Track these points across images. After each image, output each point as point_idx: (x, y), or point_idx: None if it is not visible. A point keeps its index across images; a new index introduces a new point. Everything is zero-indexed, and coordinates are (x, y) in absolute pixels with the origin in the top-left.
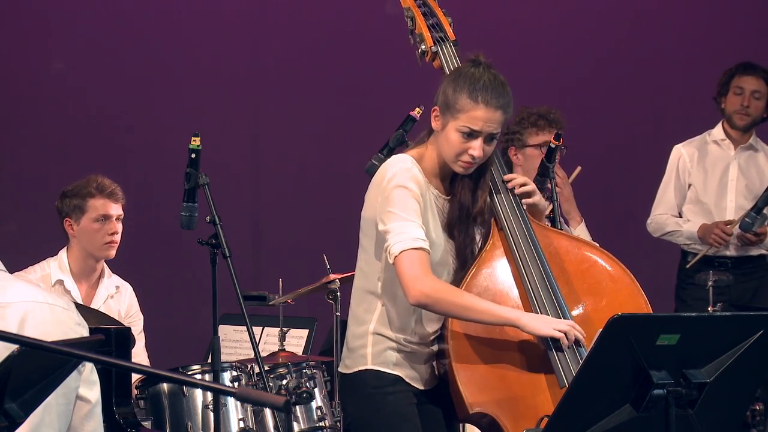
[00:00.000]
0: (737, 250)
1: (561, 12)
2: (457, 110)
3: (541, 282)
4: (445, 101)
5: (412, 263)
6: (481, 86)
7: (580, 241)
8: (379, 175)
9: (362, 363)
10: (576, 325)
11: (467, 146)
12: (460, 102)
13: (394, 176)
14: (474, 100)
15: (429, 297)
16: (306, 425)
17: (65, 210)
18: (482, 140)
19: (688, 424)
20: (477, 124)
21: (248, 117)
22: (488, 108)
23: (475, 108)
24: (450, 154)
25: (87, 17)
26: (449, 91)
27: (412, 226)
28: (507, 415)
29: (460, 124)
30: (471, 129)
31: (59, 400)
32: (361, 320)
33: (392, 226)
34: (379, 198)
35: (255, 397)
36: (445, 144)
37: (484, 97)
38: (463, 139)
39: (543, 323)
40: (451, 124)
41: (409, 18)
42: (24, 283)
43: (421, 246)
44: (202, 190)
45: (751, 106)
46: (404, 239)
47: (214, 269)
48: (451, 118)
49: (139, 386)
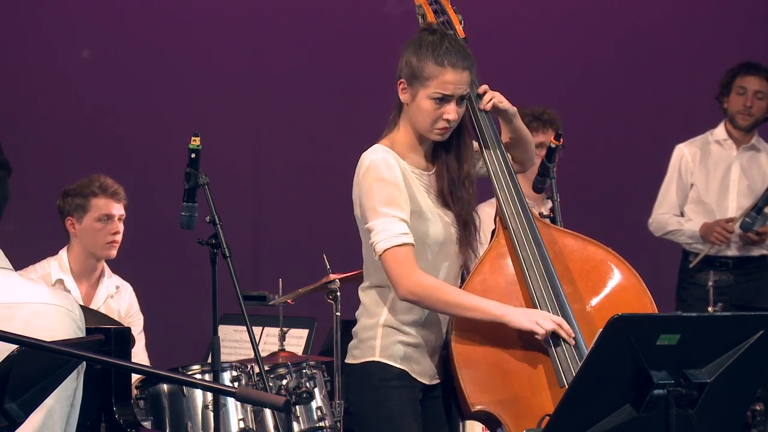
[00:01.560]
0: (739, 250)
1: (562, 11)
2: (425, 78)
3: (543, 281)
4: (410, 72)
5: (398, 260)
6: (444, 50)
7: (586, 240)
8: (357, 172)
9: (370, 354)
10: (564, 324)
11: (441, 111)
12: (427, 69)
13: (368, 169)
14: (440, 64)
15: (416, 293)
16: (306, 425)
17: (67, 209)
18: (455, 103)
19: (688, 424)
20: (448, 88)
21: (248, 117)
22: (456, 70)
23: (443, 72)
24: (425, 123)
25: (87, 18)
26: (413, 60)
27: (393, 222)
28: (509, 414)
29: (431, 91)
30: (443, 94)
31: (62, 403)
32: (372, 313)
33: (374, 223)
34: (358, 193)
35: (255, 398)
36: (417, 114)
37: (450, 60)
38: (436, 105)
39: (527, 317)
40: (421, 93)
41: (420, 15)
42: (32, 283)
43: (404, 242)
44: (202, 190)
45: (753, 106)
46: (387, 236)
47: (214, 269)
48: (420, 87)
49: (138, 386)
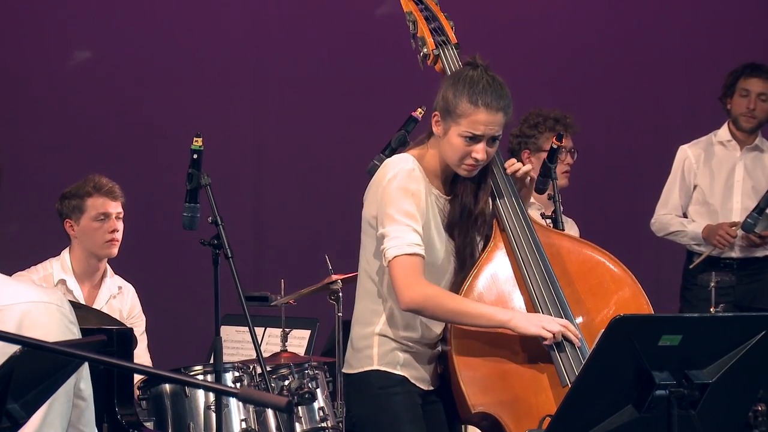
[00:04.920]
0: (742, 251)
1: (564, 14)
2: (459, 115)
3: (543, 283)
4: (445, 106)
5: (405, 269)
6: (480, 89)
7: (582, 242)
8: (379, 174)
9: (368, 363)
10: (570, 325)
11: (470, 150)
12: (461, 107)
13: (395, 177)
14: (474, 104)
15: (419, 304)
16: (308, 426)
17: (65, 211)
18: (485, 143)
19: (690, 424)
20: (479, 129)
21: (250, 117)
22: (489, 111)
23: (476, 112)
24: (453, 159)
25: (88, 18)
26: (449, 95)
27: (408, 231)
28: (509, 415)
29: (463, 130)
30: (473, 134)
31: (60, 399)
32: (367, 321)
33: (389, 229)
34: (379, 197)
35: (257, 398)
36: (448, 148)
37: (484, 101)
38: (466, 143)
39: (532, 322)
40: (453, 129)
41: (411, 22)
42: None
43: (415, 252)
44: (204, 191)
45: (757, 108)
46: (399, 244)
47: (216, 270)
48: (452, 123)
49: (141, 387)
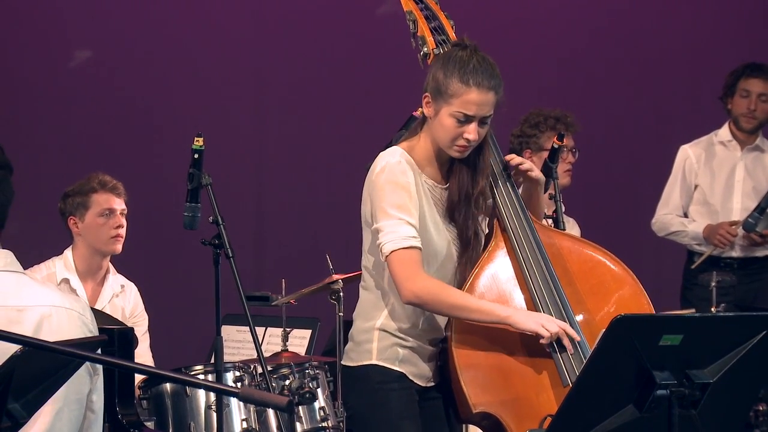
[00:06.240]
0: (743, 251)
1: (564, 14)
2: (449, 95)
3: (544, 282)
4: (436, 87)
5: (403, 263)
6: (471, 69)
7: (583, 242)
8: (371, 171)
9: (367, 358)
10: (568, 328)
11: (462, 130)
12: (451, 87)
13: (383, 170)
14: (465, 83)
15: (420, 297)
16: (309, 425)
17: (69, 209)
18: (477, 123)
19: (691, 424)
20: (471, 109)
21: (251, 117)
22: (480, 91)
23: (467, 92)
24: (445, 140)
25: (88, 18)
26: (439, 76)
27: (401, 224)
28: (510, 415)
29: (454, 110)
30: (465, 114)
31: (72, 406)
32: (369, 316)
33: (383, 224)
34: (369, 192)
35: (258, 398)
36: (439, 130)
37: (475, 80)
38: (457, 124)
39: (532, 319)
40: (444, 110)
41: (411, 21)
42: (43, 287)
43: (412, 245)
44: (205, 191)
45: (757, 109)
46: (395, 239)
47: (217, 269)
48: (443, 103)
49: (142, 386)
